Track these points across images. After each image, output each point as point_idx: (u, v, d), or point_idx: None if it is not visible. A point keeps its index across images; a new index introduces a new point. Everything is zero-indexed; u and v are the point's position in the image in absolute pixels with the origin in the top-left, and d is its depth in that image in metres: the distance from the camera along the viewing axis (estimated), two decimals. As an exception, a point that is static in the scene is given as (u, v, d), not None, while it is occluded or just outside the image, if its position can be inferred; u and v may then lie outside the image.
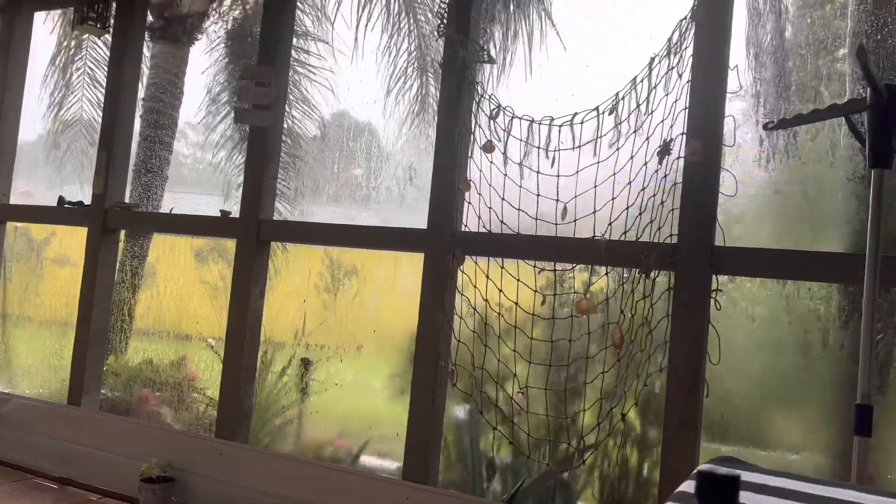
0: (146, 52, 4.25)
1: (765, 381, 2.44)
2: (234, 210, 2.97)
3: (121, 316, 3.77)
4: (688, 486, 1.11)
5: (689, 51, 2.13)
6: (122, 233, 3.59)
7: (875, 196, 1.67)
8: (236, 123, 2.79)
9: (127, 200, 3.36)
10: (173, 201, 4.00)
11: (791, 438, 2.43)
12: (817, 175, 2.31)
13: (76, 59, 4.32)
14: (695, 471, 1.26)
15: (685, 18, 2.15)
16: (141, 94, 4.26)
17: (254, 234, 2.82)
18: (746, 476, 1.34)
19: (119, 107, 3.24)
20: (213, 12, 4.42)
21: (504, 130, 2.41)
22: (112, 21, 3.16)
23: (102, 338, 3.25)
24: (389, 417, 3.00)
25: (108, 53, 3.34)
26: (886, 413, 2.12)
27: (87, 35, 3.21)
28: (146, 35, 4.32)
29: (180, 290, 3.92)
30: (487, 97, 2.45)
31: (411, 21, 3.63)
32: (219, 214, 3.00)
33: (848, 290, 2.25)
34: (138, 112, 3.63)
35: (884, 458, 2.14)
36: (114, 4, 3.17)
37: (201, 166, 4.66)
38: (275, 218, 2.96)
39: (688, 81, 2.11)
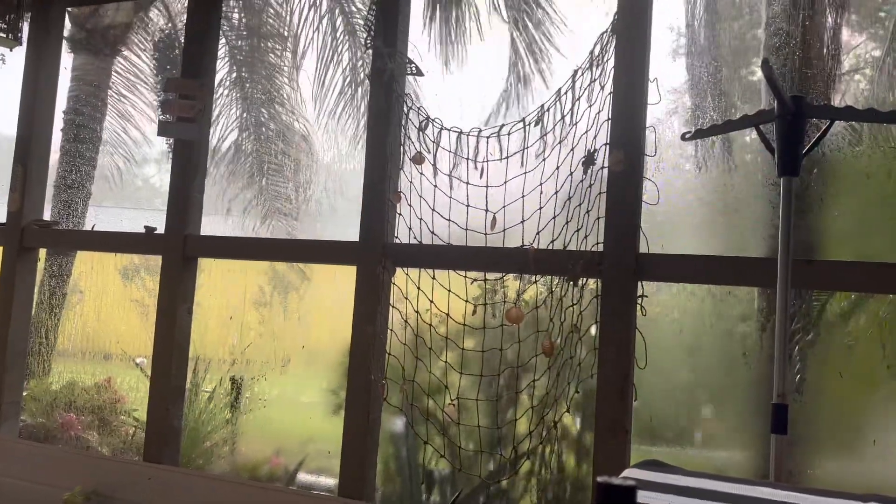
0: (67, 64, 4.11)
1: (692, 383, 2.51)
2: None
3: (39, 339, 3.61)
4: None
5: (611, 63, 2.19)
6: (43, 252, 3.45)
7: (785, 203, 1.74)
8: (160, 136, 2.73)
9: (47, 217, 3.23)
10: (96, 217, 3.87)
11: (719, 438, 2.51)
12: (735, 183, 2.39)
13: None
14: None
15: (606, 32, 2.20)
16: (62, 106, 4.12)
17: (180, 249, 2.74)
18: (669, 479, 1.37)
19: (35, 120, 3.12)
20: (138, 23, 4.31)
21: (433, 142, 2.41)
22: (25, 32, 3.04)
23: (21, 362, 3.10)
24: (328, 433, 2.96)
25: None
26: (805, 411, 2.20)
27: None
28: (67, 46, 4.19)
29: (107, 309, 3.79)
30: (416, 109, 2.45)
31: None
32: (143, 230, 2.91)
33: (767, 293, 2.34)
34: (58, 126, 3.50)
35: (804, 454, 2.22)
36: (27, 15, 3.06)
37: (139, 181, 4.54)
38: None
39: (610, 93, 2.16)
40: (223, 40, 3.71)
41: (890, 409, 2.14)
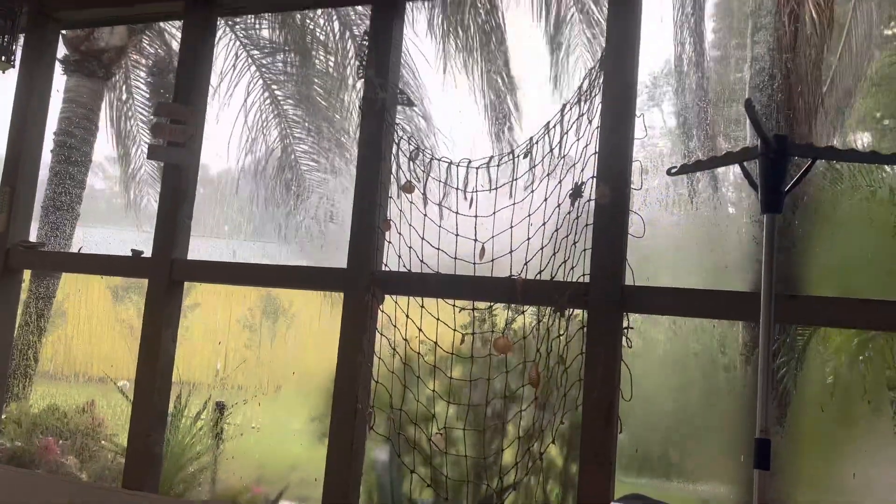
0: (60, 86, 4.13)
1: (677, 415, 2.52)
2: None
3: (26, 361, 3.57)
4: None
5: (598, 98, 2.23)
6: (28, 273, 3.42)
7: (768, 238, 1.77)
8: (149, 160, 2.74)
9: (33, 239, 3.21)
10: (84, 238, 3.85)
11: (703, 470, 2.51)
12: (720, 219, 2.43)
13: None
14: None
15: (594, 67, 2.25)
16: (53, 128, 4.13)
17: (166, 273, 2.73)
18: (652, 512, 1.38)
19: (24, 141, 3.12)
20: (133, 48, 4.34)
21: (423, 171, 2.44)
22: (19, 54, 3.06)
23: (1, 385, 3.06)
24: (311, 461, 2.94)
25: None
26: (787, 443, 2.22)
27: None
28: (60, 68, 4.21)
29: (93, 331, 3.75)
30: (407, 138, 2.48)
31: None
32: (130, 253, 2.89)
33: (751, 326, 2.36)
34: (49, 147, 3.50)
35: (786, 486, 2.23)
36: (21, 37, 3.07)
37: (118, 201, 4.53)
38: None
39: (597, 127, 2.20)
40: (248, 58, 3.73)
41: (869, 444, 2.15)
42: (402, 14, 2.63)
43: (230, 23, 3.73)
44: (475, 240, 2.30)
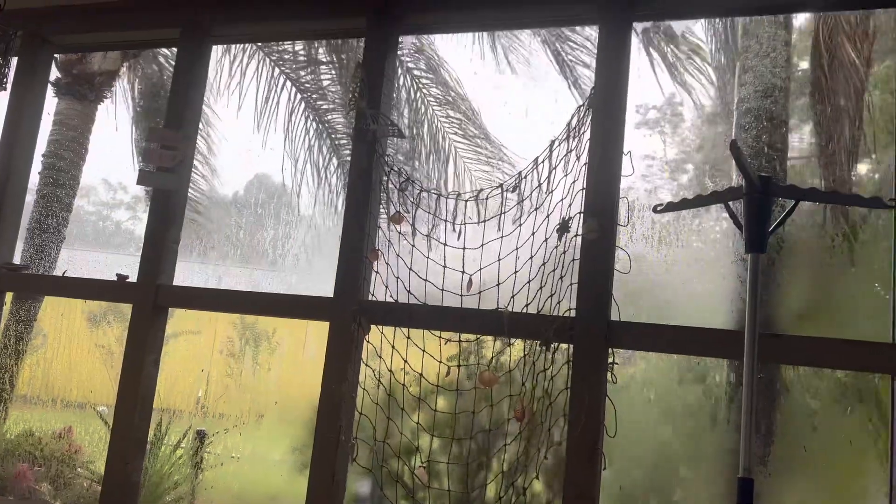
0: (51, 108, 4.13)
1: (661, 452, 2.51)
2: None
3: (2, 384, 3.51)
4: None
5: (587, 135, 2.26)
6: (9, 296, 3.38)
7: (752, 278, 1.79)
8: (138, 185, 2.73)
9: (17, 261, 3.18)
10: (69, 262, 3.82)
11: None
12: (705, 257, 2.46)
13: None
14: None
15: (583, 105, 2.28)
16: (42, 150, 4.12)
17: (151, 299, 2.71)
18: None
19: (13, 163, 3.11)
20: (126, 71, 4.36)
21: (412, 203, 2.45)
22: (11, 77, 3.06)
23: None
24: (292, 493, 2.89)
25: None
26: (769, 483, 2.21)
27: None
28: (52, 91, 4.21)
29: (73, 355, 3.70)
30: (397, 170, 2.49)
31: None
32: (115, 278, 2.87)
33: (735, 364, 2.37)
34: (36, 169, 3.48)
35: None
36: (14, 60, 3.08)
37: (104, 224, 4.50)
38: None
39: (585, 164, 2.23)
40: (277, 70, 3.72)
41: (853, 484, 2.16)
42: (394, 48, 2.67)
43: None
44: (463, 272, 2.30)
